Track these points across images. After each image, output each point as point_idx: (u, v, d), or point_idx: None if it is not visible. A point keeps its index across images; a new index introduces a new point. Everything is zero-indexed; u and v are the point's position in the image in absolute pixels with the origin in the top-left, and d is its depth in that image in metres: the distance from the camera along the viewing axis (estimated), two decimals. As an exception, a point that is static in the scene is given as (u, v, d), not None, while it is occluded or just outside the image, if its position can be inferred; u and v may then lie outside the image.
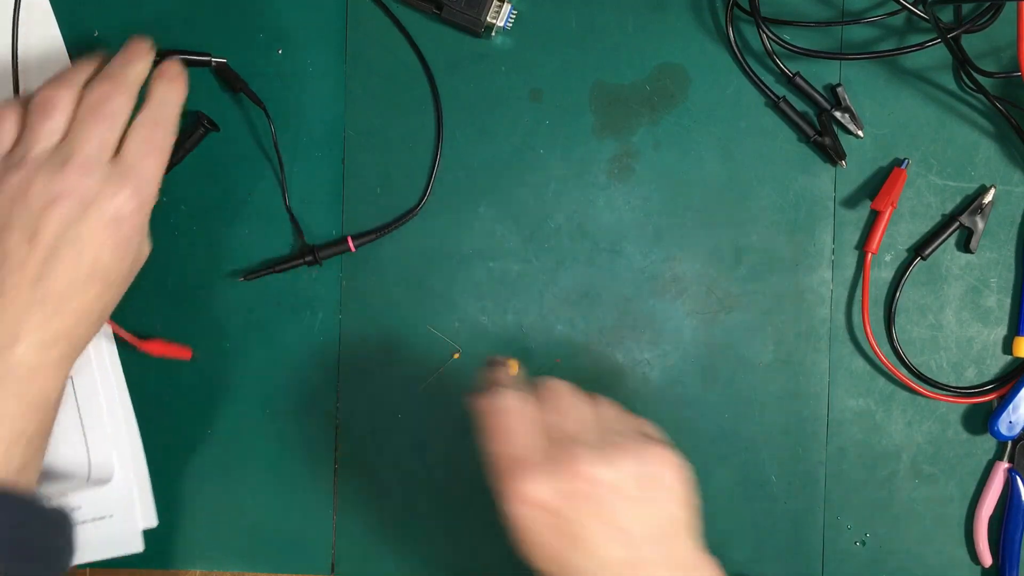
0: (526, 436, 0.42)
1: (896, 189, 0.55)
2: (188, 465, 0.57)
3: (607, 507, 0.41)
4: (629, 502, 0.41)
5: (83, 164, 0.45)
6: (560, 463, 0.41)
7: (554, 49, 0.56)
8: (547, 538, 0.41)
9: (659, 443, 0.44)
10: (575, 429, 0.43)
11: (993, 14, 0.54)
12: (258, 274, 0.56)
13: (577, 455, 0.41)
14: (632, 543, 0.41)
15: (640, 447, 0.43)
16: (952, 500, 0.57)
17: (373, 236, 0.56)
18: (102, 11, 0.56)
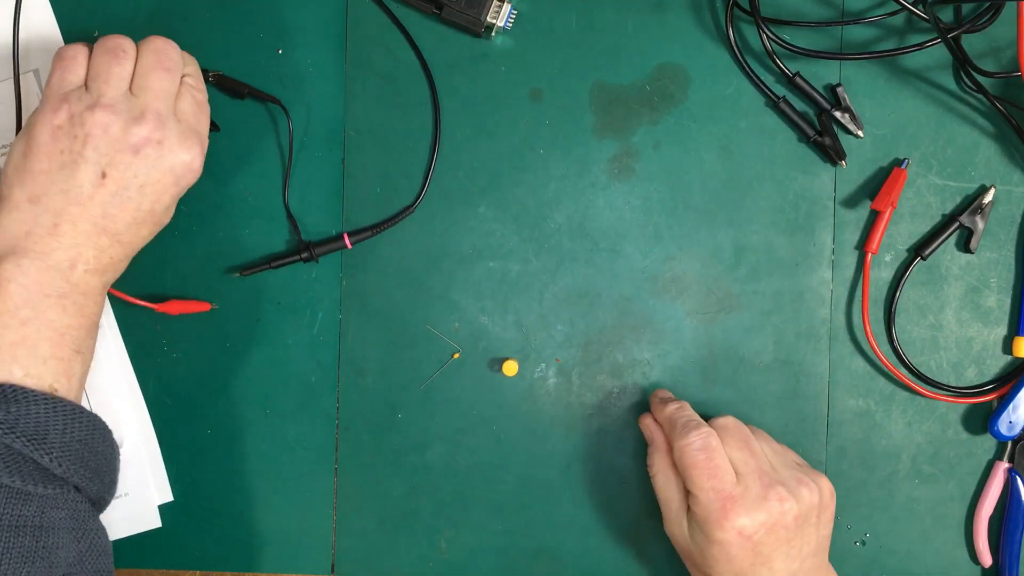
0: (729, 473, 0.49)
1: (896, 189, 0.55)
2: (188, 465, 0.57)
3: (793, 533, 0.49)
4: (808, 528, 0.50)
5: (158, 117, 0.48)
6: (766, 500, 0.48)
7: (554, 49, 0.56)
8: (742, 559, 0.48)
9: (820, 473, 0.52)
10: (760, 465, 0.50)
11: (993, 14, 0.54)
12: (255, 269, 0.56)
13: (778, 491, 0.49)
14: (802, 557, 0.50)
15: (813, 479, 0.51)
16: (952, 500, 0.57)
17: (369, 233, 0.56)
18: (102, 11, 0.57)
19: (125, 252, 0.49)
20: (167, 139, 0.48)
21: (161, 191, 0.49)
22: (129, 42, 0.49)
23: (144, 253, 0.56)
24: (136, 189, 0.48)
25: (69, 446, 0.46)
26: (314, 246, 0.56)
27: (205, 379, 0.57)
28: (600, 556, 0.57)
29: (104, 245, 0.48)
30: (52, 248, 0.47)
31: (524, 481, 0.57)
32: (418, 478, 0.57)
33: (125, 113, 0.47)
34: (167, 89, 0.49)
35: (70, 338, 0.47)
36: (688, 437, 0.50)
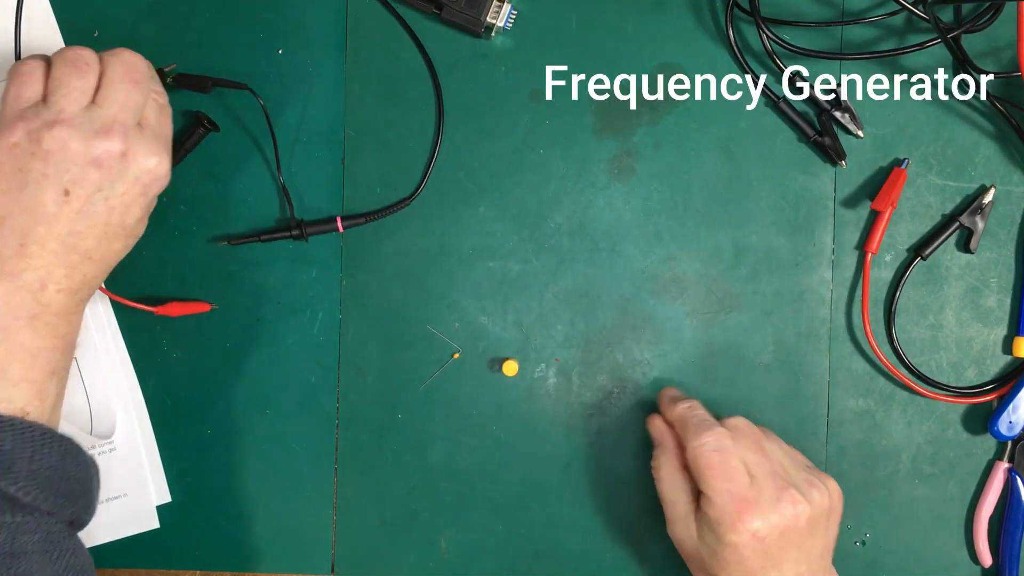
0: (743, 475, 0.49)
1: (896, 189, 0.55)
2: (188, 465, 0.57)
3: (804, 535, 0.49)
4: (818, 530, 0.50)
5: (123, 128, 0.46)
6: (780, 502, 0.48)
7: (554, 49, 0.56)
8: (753, 561, 0.48)
9: (828, 476, 0.52)
10: (772, 467, 0.50)
11: (993, 14, 0.54)
12: (244, 240, 0.56)
13: (791, 494, 0.49)
14: (810, 559, 0.50)
15: (823, 481, 0.51)
16: (952, 500, 0.57)
17: (363, 220, 0.56)
18: (102, 11, 0.57)
19: (99, 268, 0.48)
20: (131, 149, 0.47)
21: (129, 203, 0.47)
22: (91, 53, 0.48)
23: (143, 254, 0.57)
24: (103, 204, 0.46)
25: (37, 474, 0.44)
26: (306, 225, 0.56)
27: (205, 379, 0.57)
28: (600, 556, 0.57)
29: (75, 263, 0.46)
30: (20, 269, 0.45)
31: (524, 481, 0.57)
32: (418, 478, 0.57)
33: (86, 127, 0.46)
34: (135, 100, 0.47)
35: (43, 359, 0.46)
36: (702, 437, 0.50)
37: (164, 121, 0.50)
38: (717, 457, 0.49)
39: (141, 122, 0.48)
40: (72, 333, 0.48)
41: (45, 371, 0.46)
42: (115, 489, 0.57)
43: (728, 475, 0.48)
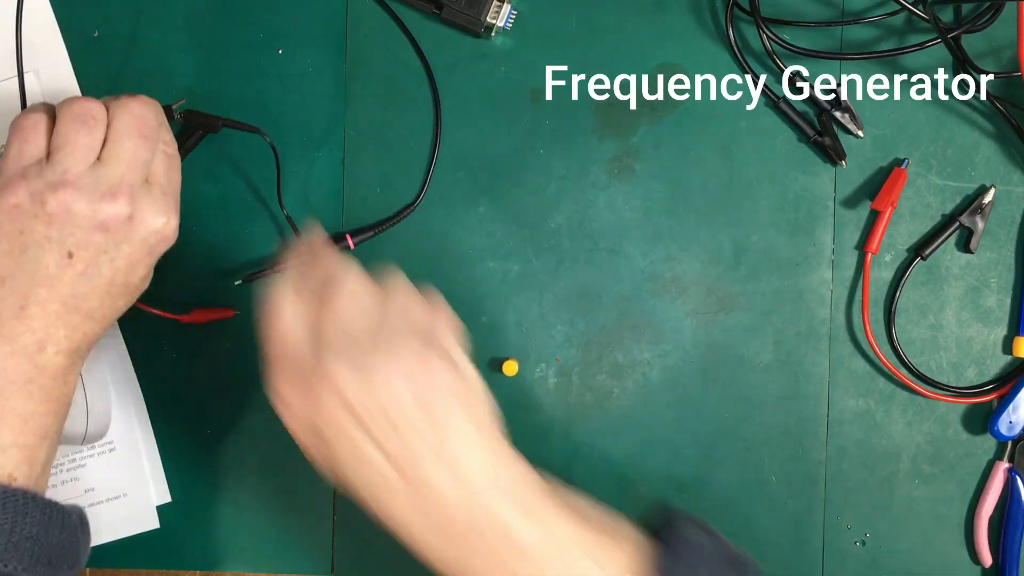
0: (292, 334, 0.41)
1: (896, 189, 0.55)
2: (188, 465, 0.57)
3: (361, 430, 0.39)
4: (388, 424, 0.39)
5: (130, 189, 0.44)
6: (316, 375, 0.39)
7: (554, 49, 0.56)
8: (312, 446, 0.41)
9: (440, 351, 0.41)
10: (338, 334, 0.40)
11: (993, 14, 0.54)
12: (258, 275, 0.56)
13: (331, 370, 0.39)
14: (397, 458, 0.40)
15: (411, 355, 0.40)
16: (952, 500, 0.57)
17: (371, 233, 0.56)
18: (102, 11, 0.57)
19: (100, 326, 0.46)
20: (138, 211, 0.45)
21: (135, 263, 0.46)
22: (99, 106, 0.45)
23: (144, 253, 0.57)
24: (107, 265, 0.45)
25: (18, 545, 0.42)
26: None
27: (205, 379, 0.57)
28: (600, 556, 0.57)
29: (76, 323, 0.45)
30: (18, 332, 0.43)
31: (524, 481, 0.57)
32: (418, 478, 0.57)
33: (91, 189, 0.44)
34: (143, 157, 0.45)
35: (35, 424, 0.44)
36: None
37: (173, 175, 0.48)
38: (266, 309, 0.42)
39: (149, 178, 0.46)
40: (67, 394, 0.46)
41: (36, 435, 0.44)
42: (115, 489, 0.57)
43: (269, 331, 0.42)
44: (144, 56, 0.57)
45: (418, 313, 0.43)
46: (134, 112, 0.46)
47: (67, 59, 0.56)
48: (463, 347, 0.43)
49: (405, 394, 0.39)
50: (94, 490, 0.56)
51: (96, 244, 0.44)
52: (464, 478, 0.40)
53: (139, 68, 0.57)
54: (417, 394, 0.39)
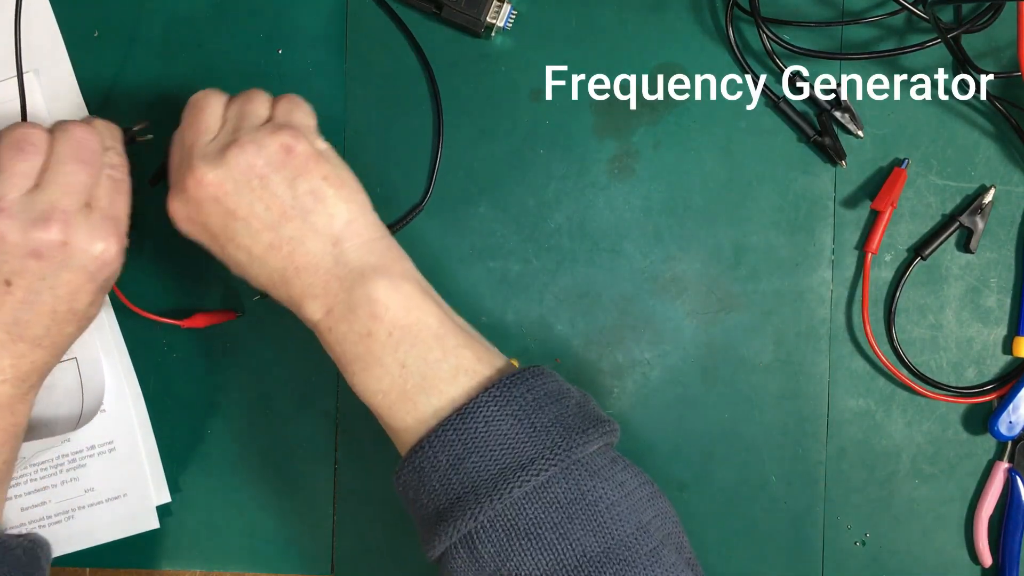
0: (171, 160, 0.46)
1: (896, 189, 0.55)
2: (188, 465, 0.57)
3: (244, 200, 0.44)
4: (257, 193, 0.44)
5: (64, 215, 0.44)
6: (188, 181, 0.44)
7: (554, 49, 0.56)
8: (206, 242, 0.46)
9: (284, 129, 0.45)
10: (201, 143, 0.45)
11: (993, 14, 0.54)
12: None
13: (196, 171, 0.44)
14: (272, 227, 0.44)
15: (257, 137, 0.44)
16: (952, 500, 0.57)
17: None
18: (102, 11, 0.57)
19: (50, 353, 0.46)
20: (74, 238, 0.44)
21: (75, 289, 0.45)
22: (39, 133, 0.45)
23: (145, 255, 0.57)
24: (48, 292, 0.44)
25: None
26: None
27: (205, 379, 0.57)
28: (600, 556, 0.57)
29: (22, 351, 0.45)
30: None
31: (524, 481, 0.57)
32: (418, 478, 0.57)
33: (24, 216, 0.43)
34: (81, 182, 0.45)
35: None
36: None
37: (118, 199, 0.47)
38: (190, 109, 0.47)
39: (91, 202, 0.45)
40: (18, 424, 0.46)
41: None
42: (115, 489, 0.57)
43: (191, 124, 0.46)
44: (144, 56, 0.57)
45: (277, 110, 0.46)
46: (75, 137, 0.45)
47: (67, 59, 0.56)
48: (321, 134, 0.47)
49: (268, 174, 0.44)
50: (94, 490, 0.56)
51: (32, 271, 0.44)
52: (341, 258, 0.45)
53: (139, 68, 0.57)
54: (282, 174, 0.44)
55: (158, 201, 0.48)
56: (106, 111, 0.57)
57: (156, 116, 0.56)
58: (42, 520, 0.56)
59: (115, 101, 0.57)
